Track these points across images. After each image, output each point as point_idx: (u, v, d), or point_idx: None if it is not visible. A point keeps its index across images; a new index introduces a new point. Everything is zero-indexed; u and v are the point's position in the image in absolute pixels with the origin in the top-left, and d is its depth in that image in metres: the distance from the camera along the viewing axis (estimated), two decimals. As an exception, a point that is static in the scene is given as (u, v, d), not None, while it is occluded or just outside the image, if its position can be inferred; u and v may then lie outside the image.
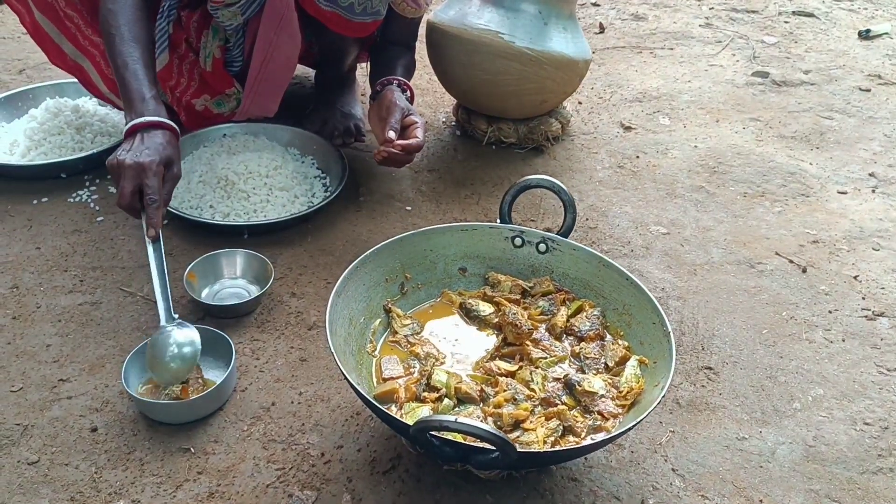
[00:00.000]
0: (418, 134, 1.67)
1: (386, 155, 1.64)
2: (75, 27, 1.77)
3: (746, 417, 1.38)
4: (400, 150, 1.64)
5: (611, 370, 1.27)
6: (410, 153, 1.67)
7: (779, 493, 1.25)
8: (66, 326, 1.48)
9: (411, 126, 1.69)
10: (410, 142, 1.65)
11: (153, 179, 1.37)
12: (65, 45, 1.80)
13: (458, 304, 1.41)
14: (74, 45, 1.79)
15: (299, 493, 1.20)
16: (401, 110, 1.70)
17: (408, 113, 1.71)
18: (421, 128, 1.69)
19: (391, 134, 1.65)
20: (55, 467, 1.23)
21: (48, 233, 1.71)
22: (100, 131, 1.95)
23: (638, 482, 1.25)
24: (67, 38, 1.79)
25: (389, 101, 1.72)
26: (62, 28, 1.78)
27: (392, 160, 1.67)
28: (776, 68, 2.61)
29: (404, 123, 1.70)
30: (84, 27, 1.77)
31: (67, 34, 1.78)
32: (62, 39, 1.79)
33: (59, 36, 1.79)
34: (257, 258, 1.58)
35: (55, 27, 1.77)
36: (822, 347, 1.53)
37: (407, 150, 1.65)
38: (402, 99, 1.74)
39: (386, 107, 1.72)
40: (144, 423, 1.30)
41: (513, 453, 0.97)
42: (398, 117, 1.69)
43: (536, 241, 1.44)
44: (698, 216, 1.89)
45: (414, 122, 1.69)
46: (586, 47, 2.03)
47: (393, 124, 1.67)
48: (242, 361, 1.42)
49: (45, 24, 1.77)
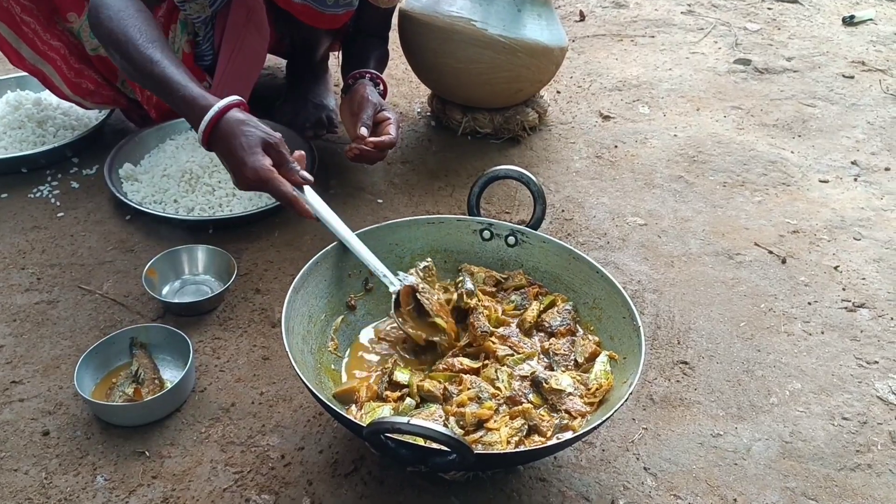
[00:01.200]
0: (391, 131, 1.63)
1: (358, 152, 1.60)
2: (33, 32, 1.73)
3: (722, 413, 1.34)
4: (372, 147, 1.59)
5: (580, 367, 1.23)
6: (383, 150, 1.63)
7: (753, 491, 1.21)
8: (20, 326, 1.43)
9: (384, 122, 1.65)
10: (383, 139, 1.61)
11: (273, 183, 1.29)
12: (23, 49, 1.76)
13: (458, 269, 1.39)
14: (33, 50, 1.75)
15: (257, 497, 1.16)
16: (373, 106, 1.66)
17: (380, 108, 1.67)
18: (394, 124, 1.64)
19: (363, 131, 1.60)
20: (3, 473, 1.18)
21: (6, 229, 1.66)
22: (62, 125, 1.90)
23: (608, 482, 1.21)
24: (26, 43, 1.75)
25: (361, 95, 1.68)
26: (19, 33, 1.73)
27: (364, 157, 1.62)
28: (758, 55, 2.56)
29: (377, 119, 1.66)
30: (42, 32, 1.73)
31: (25, 39, 1.74)
32: (20, 44, 1.75)
33: (16, 41, 1.75)
34: (220, 254, 1.53)
35: (12, 31, 1.73)
36: (800, 340, 1.50)
37: (379, 148, 1.61)
38: (375, 94, 1.70)
39: (358, 102, 1.67)
40: (98, 425, 1.26)
41: (470, 456, 0.93)
42: (370, 113, 1.64)
43: (505, 233, 1.39)
44: (677, 207, 1.85)
45: (387, 119, 1.65)
46: (562, 34, 1.98)
47: (365, 120, 1.62)
48: (202, 361, 1.38)
49: (2, 30, 1.72)
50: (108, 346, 1.33)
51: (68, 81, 1.78)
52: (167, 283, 1.51)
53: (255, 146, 1.30)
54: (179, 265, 1.53)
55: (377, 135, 1.63)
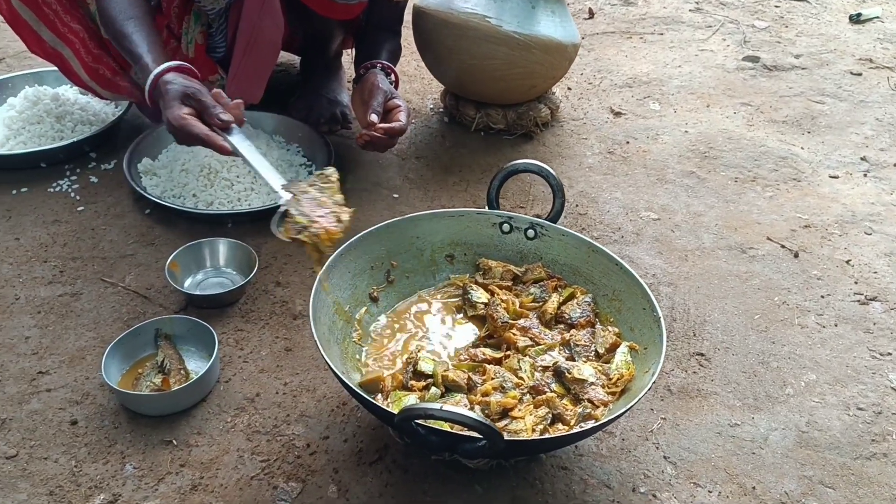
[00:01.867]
0: (401, 117, 1.64)
1: (368, 139, 1.62)
2: (54, 13, 1.73)
3: (739, 404, 1.36)
4: (382, 133, 1.61)
5: (601, 357, 1.25)
6: (393, 137, 1.65)
7: (771, 479, 1.23)
8: (45, 318, 1.45)
9: (394, 110, 1.67)
10: (393, 125, 1.63)
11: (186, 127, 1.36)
12: (43, 31, 1.76)
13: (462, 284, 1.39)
14: (53, 32, 1.75)
15: (284, 484, 1.18)
16: (383, 93, 1.67)
17: (391, 96, 1.68)
18: (404, 111, 1.66)
19: (373, 117, 1.62)
20: (34, 461, 1.20)
21: (28, 223, 1.67)
22: (80, 120, 1.91)
23: (629, 470, 1.23)
24: (46, 25, 1.75)
25: (372, 84, 1.70)
26: (40, 14, 1.73)
27: (375, 144, 1.64)
28: (767, 53, 2.58)
29: (387, 107, 1.67)
30: (63, 14, 1.73)
31: (46, 21, 1.74)
32: (40, 26, 1.75)
33: (37, 23, 1.75)
34: (242, 247, 1.55)
35: (33, 13, 1.73)
36: (814, 332, 1.51)
37: (389, 134, 1.62)
38: (385, 82, 1.71)
39: (368, 90, 1.69)
40: (126, 415, 1.27)
41: (500, 441, 0.94)
42: (380, 101, 1.66)
43: (525, 227, 1.41)
44: (689, 201, 1.87)
45: (397, 106, 1.67)
46: (575, 31, 2.00)
47: (375, 107, 1.64)
48: (226, 352, 1.39)
49: (22, 11, 1.73)
50: (133, 338, 1.35)
51: (86, 66, 1.79)
52: (189, 276, 1.53)
53: (173, 99, 1.39)
54: (201, 258, 1.54)
55: (387, 122, 1.65)
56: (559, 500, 1.18)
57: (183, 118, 1.36)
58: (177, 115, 1.37)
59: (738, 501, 1.20)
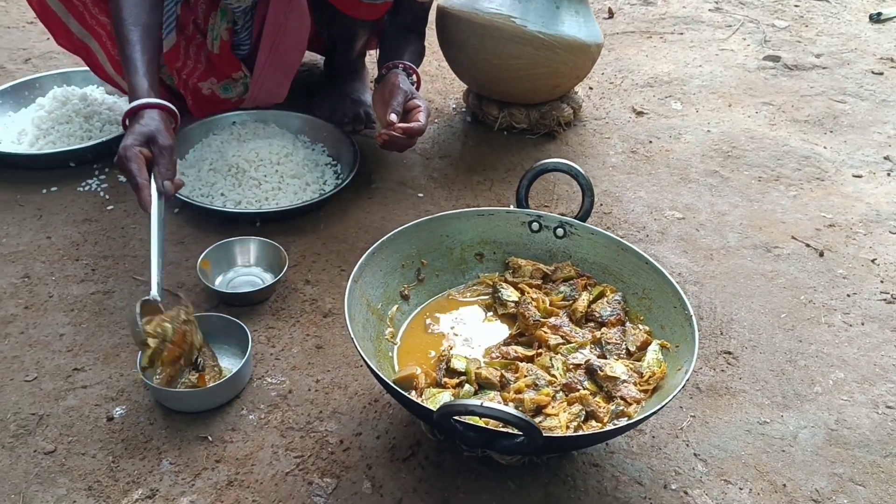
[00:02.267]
0: (420, 118, 1.66)
1: (387, 138, 1.63)
2: (83, 5, 1.75)
3: (767, 401, 1.37)
4: (401, 132, 1.62)
5: (632, 355, 1.25)
6: (412, 136, 1.66)
7: (802, 476, 1.24)
8: (78, 316, 1.47)
9: (414, 109, 1.68)
10: (412, 125, 1.64)
11: (131, 164, 1.35)
12: (71, 23, 1.78)
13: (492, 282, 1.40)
14: (81, 24, 1.77)
15: (319, 480, 1.19)
16: (403, 93, 1.69)
17: (411, 96, 1.70)
18: (424, 112, 1.67)
19: (393, 117, 1.63)
20: (72, 457, 1.22)
21: (58, 222, 1.69)
22: (108, 120, 1.93)
23: (660, 467, 1.24)
24: (74, 17, 1.77)
25: (392, 83, 1.71)
26: (69, 6, 1.76)
27: (393, 143, 1.65)
28: (787, 52, 2.58)
29: (407, 107, 1.69)
30: (91, 6, 1.74)
31: (74, 12, 1.76)
32: (69, 18, 1.77)
33: (65, 14, 1.77)
34: (271, 246, 1.56)
35: (62, 5, 1.75)
36: (841, 331, 1.52)
37: (408, 134, 1.64)
38: (406, 82, 1.73)
39: (389, 90, 1.71)
40: (161, 411, 1.29)
41: (539, 438, 0.96)
42: (400, 100, 1.67)
43: (554, 225, 1.42)
44: (713, 201, 1.87)
45: (417, 106, 1.68)
46: (598, 31, 2.01)
47: (395, 107, 1.65)
48: (258, 349, 1.41)
49: (52, 2, 1.75)
50: (166, 335, 1.36)
51: (112, 60, 1.81)
52: (220, 274, 1.54)
53: (140, 135, 1.39)
54: (232, 256, 1.56)
55: (407, 122, 1.66)
56: (591, 496, 1.19)
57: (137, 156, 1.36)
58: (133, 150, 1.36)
59: (769, 499, 1.20)
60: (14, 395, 1.31)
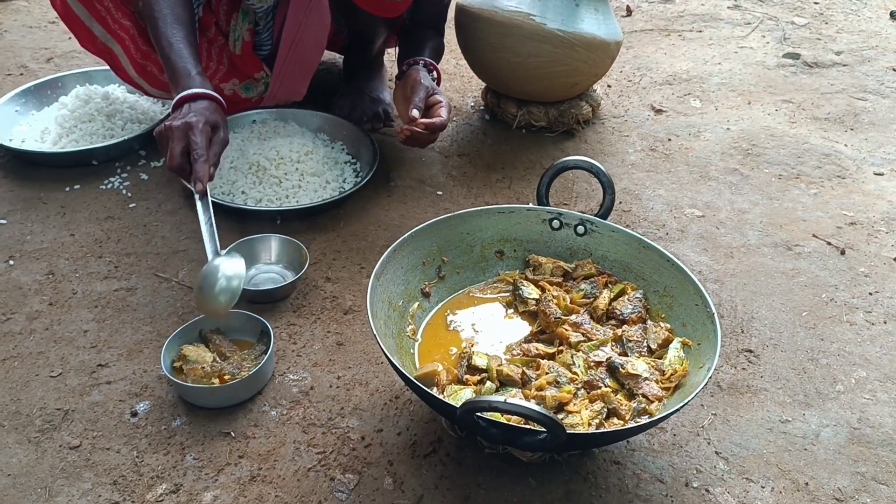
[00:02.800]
0: (442, 113, 1.66)
1: (409, 133, 1.63)
2: (105, 10, 1.76)
3: (789, 400, 1.36)
4: (423, 128, 1.63)
5: (654, 353, 1.25)
6: (434, 132, 1.66)
7: (824, 475, 1.23)
8: (102, 312, 1.48)
9: (436, 105, 1.68)
10: (434, 120, 1.64)
11: (199, 136, 1.40)
12: (95, 27, 1.79)
13: (512, 279, 1.40)
14: (104, 28, 1.78)
15: (341, 476, 1.20)
16: (425, 89, 1.69)
17: (432, 92, 1.70)
18: (445, 107, 1.68)
19: (415, 112, 1.64)
20: (97, 451, 1.23)
21: (81, 219, 1.71)
22: (130, 118, 1.94)
23: (681, 465, 1.24)
24: (97, 21, 1.78)
25: (414, 80, 1.72)
26: (92, 10, 1.77)
27: (415, 139, 1.66)
28: (807, 49, 2.57)
29: (428, 103, 1.69)
30: (114, 10, 1.76)
31: (97, 16, 1.77)
32: (92, 22, 1.78)
33: (89, 18, 1.78)
34: (292, 243, 1.57)
35: (85, 9, 1.77)
36: (863, 329, 1.51)
37: (430, 129, 1.64)
38: (427, 78, 1.73)
39: (410, 86, 1.71)
40: (184, 407, 1.30)
41: (562, 434, 0.96)
42: (422, 96, 1.68)
43: (575, 223, 1.42)
44: (733, 198, 1.87)
45: (438, 102, 1.68)
46: (617, 28, 2.01)
47: (417, 103, 1.66)
48: (280, 346, 1.42)
49: (75, 7, 1.77)
50: (189, 332, 1.37)
51: (135, 63, 1.82)
52: (242, 272, 1.55)
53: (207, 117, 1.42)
54: (254, 254, 1.57)
55: (428, 117, 1.67)
56: (613, 494, 1.19)
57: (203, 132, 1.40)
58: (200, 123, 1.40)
59: (791, 497, 1.20)
60: (40, 391, 1.32)
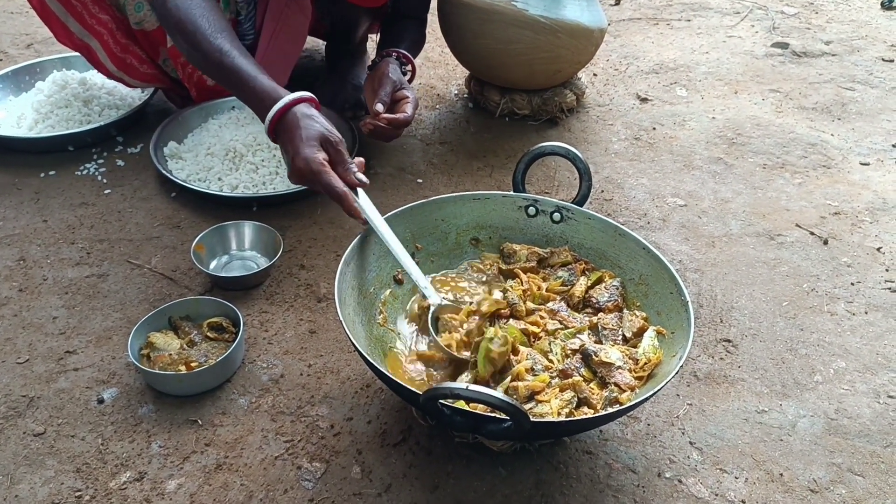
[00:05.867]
0: (407, 109, 1.65)
1: (372, 127, 1.63)
2: (82, 6, 1.74)
3: (766, 390, 1.34)
4: (386, 123, 1.61)
5: (629, 341, 1.23)
6: (398, 127, 1.65)
7: (799, 466, 1.22)
8: (72, 299, 1.46)
9: (402, 100, 1.67)
10: (398, 116, 1.63)
11: (324, 177, 1.25)
12: (71, 23, 1.77)
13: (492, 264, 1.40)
14: (81, 24, 1.76)
15: (308, 464, 1.18)
16: (392, 83, 1.68)
17: (399, 87, 1.69)
18: (411, 103, 1.66)
19: (379, 107, 1.63)
20: (61, 439, 1.21)
21: (55, 205, 1.69)
22: (108, 104, 1.92)
23: (654, 455, 1.22)
24: (74, 17, 1.76)
25: (382, 72, 1.70)
26: (68, 7, 1.74)
27: (379, 133, 1.65)
28: (796, 39, 2.55)
29: (395, 97, 1.68)
30: (91, 5, 1.73)
31: (74, 13, 1.75)
32: (68, 18, 1.76)
33: (65, 15, 1.76)
34: (266, 230, 1.55)
35: (61, 6, 1.74)
36: (844, 320, 1.49)
37: (394, 125, 1.63)
38: (397, 72, 1.72)
39: (378, 79, 1.70)
40: (151, 394, 1.28)
41: (526, 423, 0.94)
42: (388, 90, 1.67)
43: (551, 210, 1.40)
44: (716, 188, 1.85)
45: (405, 97, 1.67)
46: (601, 16, 1.98)
47: (382, 97, 1.65)
48: (251, 333, 1.40)
49: (51, 3, 1.74)
50: (158, 318, 1.35)
51: (113, 57, 1.80)
52: (215, 258, 1.53)
53: (312, 139, 1.28)
54: (227, 240, 1.55)
55: (394, 112, 1.65)
56: (584, 483, 1.17)
57: (323, 165, 1.25)
58: (316, 159, 1.25)
59: (766, 488, 1.18)
60: (5, 377, 1.30)
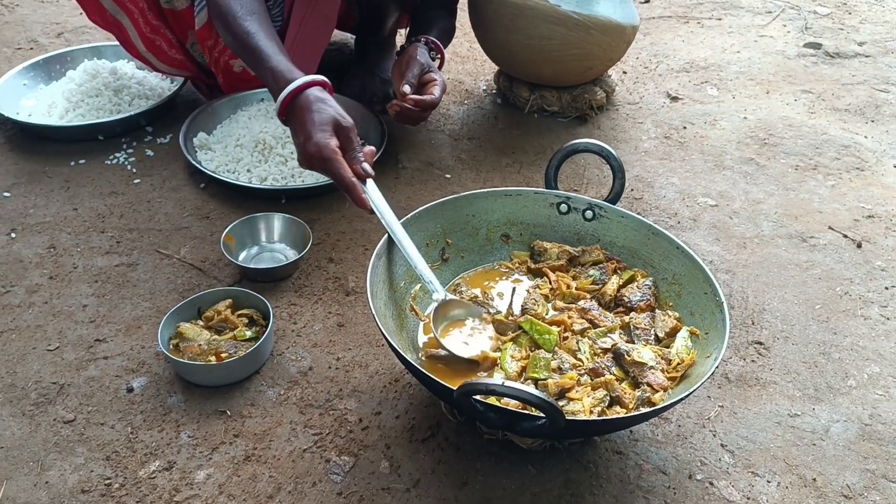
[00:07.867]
0: (435, 91, 1.64)
1: (399, 109, 1.61)
2: None
3: (799, 394, 1.33)
4: (413, 104, 1.60)
5: (661, 341, 1.22)
6: (425, 110, 1.64)
7: (833, 471, 1.20)
8: (102, 287, 1.46)
9: (430, 83, 1.66)
10: (425, 98, 1.62)
11: (334, 165, 1.23)
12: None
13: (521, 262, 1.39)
14: (114, 0, 1.76)
15: (337, 458, 1.18)
16: (420, 66, 1.67)
17: (427, 69, 1.68)
18: (439, 86, 1.65)
19: (406, 88, 1.62)
20: (91, 426, 1.21)
21: (85, 194, 1.69)
22: (138, 94, 1.93)
23: (685, 457, 1.21)
24: None
25: (410, 55, 1.69)
26: None
27: (405, 115, 1.63)
28: (829, 39, 2.51)
29: (422, 80, 1.67)
30: None
31: None
32: None
33: None
34: (296, 222, 1.55)
35: None
36: (878, 324, 1.47)
37: (421, 106, 1.61)
38: (425, 55, 1.70)
39: (406, 62, 1.69)
40: (180, 384, 1.28)
41: (561, 420, 0.93)
42: (416, 73, 1.66)
43: (583, 207, 1.39)
44: (748, 188, 1.82)
45: (432, 80, 1.66)
46: (634, 12, 1.96)
47: (409, 79, 1.64)
48: (279, 325, 1.40)
49: None
50: (188, 308, 1.35)
51: (143, 37, 1.80)
52: (244, 249, 1.53)
53: (325, 124, 1.27)
54: (256, 232, 1.55)
55: (421, 94, 1.64)
56: (614, 484, 1.16)
57: (335, 152, 1.23)
58: (328, 146, 1.24)
59: (798, 493, 1.17)
60: (36, 364, 1.31)
